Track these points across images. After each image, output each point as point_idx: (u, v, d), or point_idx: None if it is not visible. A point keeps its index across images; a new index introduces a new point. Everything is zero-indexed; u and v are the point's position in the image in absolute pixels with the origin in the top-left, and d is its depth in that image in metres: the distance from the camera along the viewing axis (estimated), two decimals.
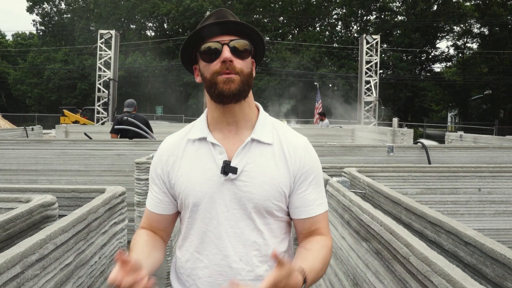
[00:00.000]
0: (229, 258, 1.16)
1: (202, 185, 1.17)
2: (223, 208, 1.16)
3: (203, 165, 1.19)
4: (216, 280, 1.17)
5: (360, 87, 17.34)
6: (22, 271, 0.99)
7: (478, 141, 7.04)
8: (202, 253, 1.19)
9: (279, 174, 1.18)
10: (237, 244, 1.16)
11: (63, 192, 1.80)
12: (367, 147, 4.75)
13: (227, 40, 1.15)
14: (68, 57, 38.13)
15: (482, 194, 2.62)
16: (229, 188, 1.16)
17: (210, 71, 1.16)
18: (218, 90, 1.14)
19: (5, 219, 1.28)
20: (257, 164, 1.17)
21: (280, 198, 1.18)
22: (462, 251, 1.21)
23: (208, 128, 1.23)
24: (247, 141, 1.19)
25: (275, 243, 1.19)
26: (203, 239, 1.19)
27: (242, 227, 1.16)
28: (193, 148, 1.23)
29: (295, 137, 1.26)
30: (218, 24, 1.15)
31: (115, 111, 16.48)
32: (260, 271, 1.17)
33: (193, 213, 1.19)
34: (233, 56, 1.14)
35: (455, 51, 38.10)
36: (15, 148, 5.03)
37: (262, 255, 1.17)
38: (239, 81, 1.14)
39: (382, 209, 1.88)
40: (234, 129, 1.22)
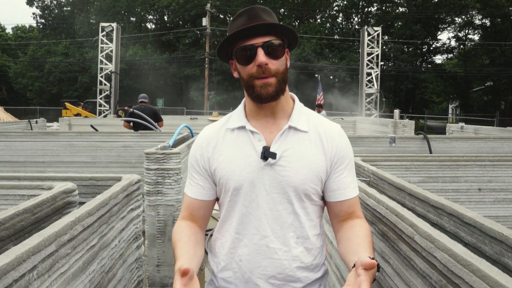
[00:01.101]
0: (267, 238, 1.23)
1: (242, 170, 1.23)
2: (263, 192, 1.23)
3: (243, 151, 1.25)
4: (255, 258, 1.24)
5: (362, 79, 17.37)
6: (57, 249, 1.07)
7: (479, 132, 7.10)
8: (242, 233, 1.26)
9: (316, 159, 1.24)
10: (275, 225, 1.23)
11: (81, 180, 1.88)
12: (369, 138, 4.82)
13: (260, 42, 1.18)
14: (69, 50, 38.09)
15: (482, 182, 2.70)
16: (268, 173, 1.22)
17: (246, 73, 1.21)
18: (256, 93, 1.20)
19: (33, 203, 1.36)
20: (295, 150, 1.24)
21: (317, 182, 1.24)
22: (463, 231, 1.29)
23: (246, 118, 1.30)
24: (285, 128, 1.25)
25: (310, 226, 1.27)
26: (243, 220, 1.25)
27: (280, 210, 1.23)
28: (233, 136, 1.29)
29: (330, 124, 1.33)
30: (251, 28, 1.17)
31: (117, 104, 16.55)
32: (296, 252, 1.24)
33: (234, 197, 1.26)
34: (268, 57, 1.18)
35: (457, 43, 38.02)
36: (23, 141, 5.11)
37: (298, 237, 1.25)
38: (275, 83, 1.19)
39: (387, 195, 1.96)
40: (271, 120, 1.28)
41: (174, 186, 2.90)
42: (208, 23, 30.67)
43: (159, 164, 2.88)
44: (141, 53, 35.68)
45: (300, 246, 1.25)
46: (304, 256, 1.25)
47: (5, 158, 5.07)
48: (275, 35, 1.21)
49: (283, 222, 1.23)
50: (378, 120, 10.77)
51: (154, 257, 2.91)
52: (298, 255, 1.24)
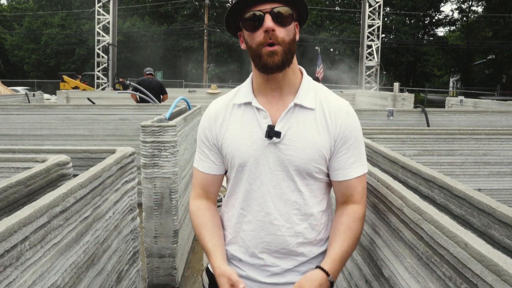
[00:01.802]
0: (270, 215, 1.25)
1: (248, 147, 1.24)
2: (267, 170, 1.23)
3: (249, 128, 1.25)
4: (259, 234, 1.26)
5: (362, 51, 17.19)
6: (49, 221, 1.08)
7: (478, 106, 7.07)
8: (246, 209, 1.28)
9: (320, 139, 1.23)
10: (278, 203, 1.24)
11: (75, 152, 1.88)
12: (367, 111, 4.81)
13: (268, 8, 1.16)
14: (65, 21, 37.47)
15: (477, 156, 2.71)
16: (272, 151, 1.22)
17: (254, 42, 1.19)
18: (262, 62, 1.18)
19: (26, 176, 1.37)
20: (299, 128, 1.23)
21: (321, 161, 1.24)
22: (453, 204, 1.30)
23: (253, 93, 1.29)
24: (290, 106, 1.23)
25: (314, 203, 1.27)
26: (247, 197, 1.27)
27: (283, 188, 1.24)
28: (239, 112, 1.29)
29: (337, 101, 1.29)
30: None
31: (115, 76, 16.42)
32: (300, 228, 1.26)
33: (239, 173, 1.27)
34: (275, 24, 1.16)
35: (460, 15, 37.42)
36: (20, 114, 5.10)
37: (302, 214, 1.26)
38: (281, 52, 1.17)
39: (381, 168, 1.97)
40: (278, 95, 1.27)
41: (170, 159, 2.90)
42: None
43: (155, 137, 2.88)
44: (139, 24, 35.14)
45: (304, 222, 1.26)
46: (308, 233, 1.27)
47: (2, 131, 5.07)
48: (284, 3, 1.19)
49: (286, 200, 1.24)
50: (378, 93, 10.72)
51: (151, 228, 2.95)
52: (302, 231, 1.26)
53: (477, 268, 0.80)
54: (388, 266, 1.27)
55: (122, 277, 1.74)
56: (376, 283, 1.39)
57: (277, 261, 1.28)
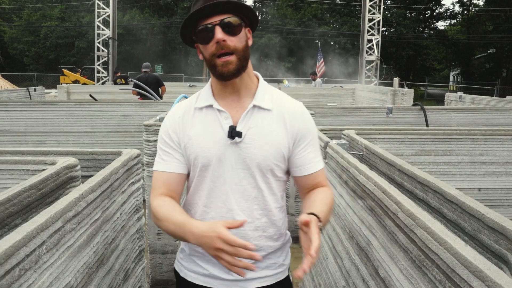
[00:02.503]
0: (233, 211, 1.32)
1: (211, 148, 1.30)
2: (229, 168, 1.31)
3: (211, 129, 1.32)
4: None
5: (362, 45, 17.19)
6: (63, 225, 1.15)
7: (477, 102, 7.12)
8: (209, 206, 1.35)
9: (278, 137, 1.32)
10: (240, 199, 1.32)
11: (83, 154, 1.94)
12: (366, 109, 4.87)
13: (217, 20, 1.23)
14: (65, 14, 37.32)
15: (473, 156, 2.77)
16: (234, 150, 1.30)
17: (208, 53, 1.26)
18: (218, 71, 1.25)
19: (38, 180, 1.43)
20: (258, 128, 1.31)
21: (279, 158, 1.32)
22: (446, 208, 1.36)
23: (213, 97, 1.36)
24: (250, 107, 1.32)
25: (272, 200, 1.36)
26: (211, 194, 1.34)
27: (244, 185, 1.32)
28: (201, 114, 1.35)
29: (292, 103, 1.40)
30: (207, 7, 1.22)
31: (116, 70, 16.43)
32: (259, 223, 1.34)
33: (202, 172, 1.33)
34: (226, 34, 1.22)
35: (460, 8, 37.28)
36: (22, 110, 5.15)
37: (262, 209, 1.34)
38: (236, 61, 1.24)
39: (378, 170, 2.03)
40: (236, 98, 1.34)
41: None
42: None
43: None
44: (139, 17, 35.03)
45: (264, 217, 1.35)
46: (267, 227, 1.36)
47: (5, 127, 5.12)
48: (233, 13, 1.25)
49: (247, 196, 1.32)
50: (377, 88, 10.75)
51: (154, 225, 3.02)
52: (261, 226, 1.35)
53: (464, 274, 0.86)
54: (383, 267, 1.34)
55: (129, 275, 1.81)
56: (372, 283, 1.45)
57: None
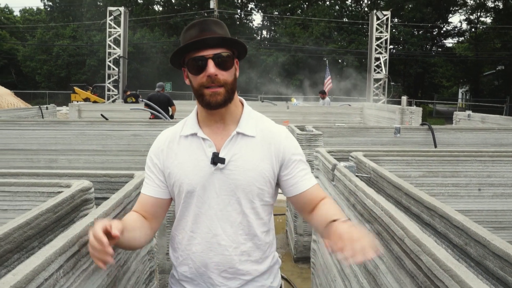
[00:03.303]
0: (218, 236, 1.36)
1: (195, 175, 1.35)
2: (214, 194, 1.35)
3: (196, 157, 1.36)
4: (207, 254, 1.37)
5: (370, 64, 17.29)
6: (79, 249, 1.19)
7: (486, 121, 7.11)
8: (196, 231, 1.39)
9: (261, 162, 1.36)
10: (225, 225, 1.36)
11: (96, 176, 1.99)
12: (374, 129, 4.89)
13: (210, 54, 1.27)
14: (77, 33, 38.13)
15: (481, 177, 2.78)
16: (218, 177, 1.34)
17: (197, 83, 1.30)
18: (205, 101, 1.30)
19: (54, 203, 1.47)
20: (242, 154, 1.35)
21: (264, 183, 1.36)
22: (452, 233, 1.38)
23: (198, 124, 1.40)
24: (233, 134, 1.36)
25: (258, 224, 1.39)
26: (196, 220, 1.38)
27: (230, 211, 1.35)
28: (186, 142, 1.40)
29: (276, 128, 1.44)
30: (202, 41, 1.26)
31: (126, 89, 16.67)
32: (245, 248, 1.38)
33: (187, 199, 1.38)
34: (217, 69, 1.27)
35: (468, 26, 37.42)
36: (35, 129, 5.25)
37: (247, 234, 1.38)
38: (224, 93, 1.29)
39: (385, 193, 2.05)
40: (221, 126, 1.39)
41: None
42: (215, 6, 30.41)
43: None
44: (149, 36, 35.64)
45: (249, 242, 1.38)
46: (252, 251, 1.39)
47: (19, 146, 5.22)
48: (225, 47, 1.30)
49: (232, 222, 1.36)
50: (386, 106, 10.78)
51: (164, 245, 3.05)
52: (247, 250, 1.38)
53: None
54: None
55: None
56: None
57: (225, 281, 1.38)
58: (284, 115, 9.94)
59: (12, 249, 1.22)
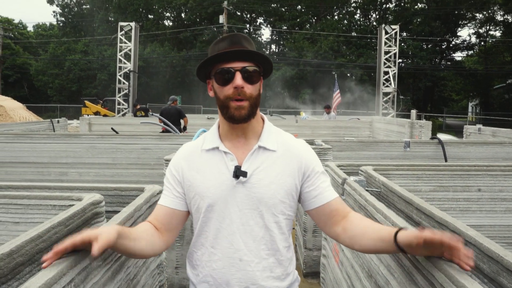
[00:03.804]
0: (240, 251, 1.34)
1: (216, 188, 1.34)
2: (235, 208, 1.33)
3: (217, 170, 1.36)
4: (229, 270, 1.35)
5: (379, 78, 17.29)
6: (90, 262, 1.19)
7: (497, 134, 7.04)
8: (216, 247, 1.36)
9: (283, 175, 1.35)
10: (247, 239, 1.34)
11: (107, 190, 2.01)
12: (384, 142, 4.87)
13: (239, 66, 1.29)
14: (88, 47, 38.75)
15: (493, 192, 2.75)
16: (240, 190, 1.33)
17: (223, 94, 1.32)
18: (229, 114, 1.31)
19: (66, 216, 1.49)
20: (264, 167, 1.35)
21: (287, 196, 1.35)
22: None
23: (219, 138, 1.41)
24: (255, 148, 1.37)
25: (281, 239, 1.37)
26: (217, 235, 1.36)
27: (252, 225, 1.34)
28: (207, 156, 1.40)
29: (296, 142, 1.45)
30: (233, 52, 1.29)
31: (135, 102, 16.84)
32: (267, 263, 1.35)
33: (208, 213, 1.36)
34: (244, 82, 1.29)
35: (477, 39, 37.35)
36: (47, 142, 5.31)
37: (269, 249, 1.36)
38: (248, 107, 1.31)
39: (396, 207, 2.04)
40: (243, 140, 1.39)
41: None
42: (225, 21, 30.82)
43: None
44: (159, 50, 36.08)
45: (271, 257, 1.36)
46: (275, 267, 1.36)
47: (30, 159, 5.28)
48: (253, 62, 1.32)
49: (255, 236, 1.34)
50: (395, 120, 10.74)
51: (173, 259, 3.05)
52: (269, 266, 1.35)
53: None
54: None
55: None
56: None
57: None
58: (293, 129, 9.94)
59: (24, 262, 1.23)
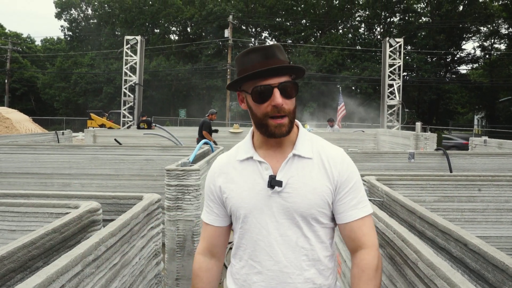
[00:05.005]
0: (280, 263, 1.29)
1: (252, 198, 1.31)
2: (272, 218, 1.29)
3: (252, 180, 1.33)
4: (269, 284, 1.30)
5: (383, 90, 17.27)
6: (82, 269, 1.17)
7: (503, 146, 6.97)
8: (255, 260, 1.32)
9: (320, 184, 1.29)
10: (286, 250, 1.29)
11: (105, 198, 1.99)
12: (388, 154, 4.83)
13: (277, 82, 1.24)
14: (94, 61, 39.15)
15: (499, 202, 2.70)
16: (276, 200, 1.29)
17: (260, 111, 1.26)
18: (269, 131, 1.27)
19: (61, 223, 1.46)
20: (299, 176, 1.30)
21: (324, 205, 1.30)
22: (468, 257, 1.33)
23: (253, 147, 1.37)
24: (289, 156, 1.32)
25: (321, 248, 1.32)
26: (255, 247, 1.32)
27: (290, 235, 1.29)
28: (242, 166, 1.37)
29: (333, 149, 1.38)
30: (269, 70, 1.22)
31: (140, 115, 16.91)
32: (308, 274, 1.30)
33: (244, 224, 1.33)
34: (283, 98, 1.24)
35: (482, 52, 37.33)
36: (50, 153, 5.32)
37: (310, 259, 1.30)
38: (288, 123, 1.27)
39: (399, 217, 2.00)
40: (277, 149, 1.35)
41: (193, 202, 2.99)
42: (230, 34, 31.06)
43: (179, 180, 2.98)
44: (165, 64, 36.38)
45: (312, 268, 1.30)
46: (316, 278, 1.30)
47: (33, 170, 5.28)
48: (288, 74, 1.27)
49: (294, 246, 1.29)
50: (400, 132, 10.69)
51: (173, 271, 3.00)
52: (311, 277, 1.30)
53: None
54: None
55: None
56: None
57: None
58: None
59: (16, 269, 1.21)
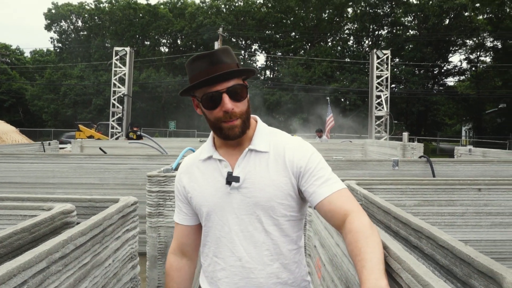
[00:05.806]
0: (242, 259, 1.30)
1: (213, 196, 1.33)
2: (233, 215, 1.31)
3: (213, 179, 1.35)
4: (233, 280, 1.31)
5: (371, 101, 17.43)
6: (47, 266, 1.15)
7: (487, 155, 7.06)
8: (219, 256, 1.34)
9: (278, 175, 1.30)
10: (248, 246, 1.30)
11: (81, 201, 1.97)
12: (372, 161, 4.86)
13: (224, 88, 1.24)
14: (84, 73, 39.05)
15: (478, 206, 2.72)
16: (235, 196, 1.30)
17: (213, 116, 1.28)
18: (224, 134, 1.29)
19: (31, 223, 1.44)
20: (257, 170, 1.31)
21: (284, 197, 1.29)
22: (438, 254, 1.33)
23: (214, 147, 1.40)
24: (245, 152, 1.34)
25: (285, 242, 1.32)
26: (218, 244, 1.34)
27: (251, 230, 1.30)
28: (204, 165, 1.40)
29: (289, 139, 1.38)
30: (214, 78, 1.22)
31: (129, 126, 16.84)
32: (271, 269, 1.30)
33: (207, 222, 1.35)
34: (232, 101, 1.25)
35: (468, 65, 37.99)
36: (34, 162, 5.26)
37: (273, 254, 1.30)
38: (241, 124, 1.28)
39: (376, 218, 2.01)
40: (236, 145, 1.37)
41: (175, 208, 2.97)
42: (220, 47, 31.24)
43: (161, 187, 2.96)
44: (155, 76, 36.41)
45: (276, 262, 1.31)
46: (280, 272, 1.31)
47: (16, 179, 5.21)
48: (237, 77, 1.28)
49: (255, 242, 1.30)
50: (387, 143, 10.77)
51: (155, 278, 2.96)
52: (274, 272, 1.30)
53: None
54: None
55: None
56: None
57: None
58: None
59: None
